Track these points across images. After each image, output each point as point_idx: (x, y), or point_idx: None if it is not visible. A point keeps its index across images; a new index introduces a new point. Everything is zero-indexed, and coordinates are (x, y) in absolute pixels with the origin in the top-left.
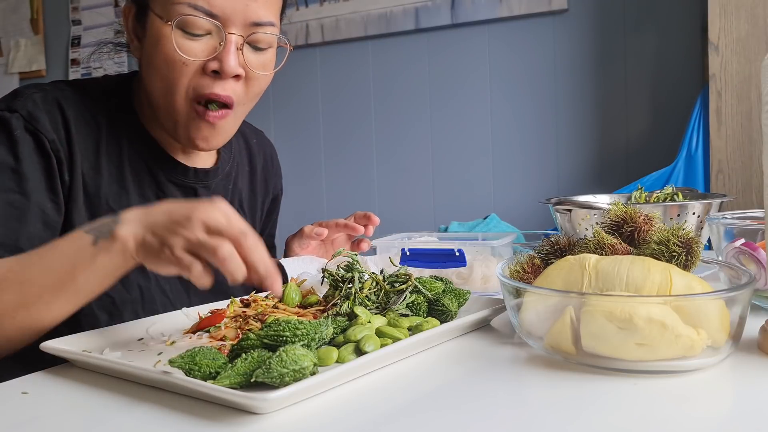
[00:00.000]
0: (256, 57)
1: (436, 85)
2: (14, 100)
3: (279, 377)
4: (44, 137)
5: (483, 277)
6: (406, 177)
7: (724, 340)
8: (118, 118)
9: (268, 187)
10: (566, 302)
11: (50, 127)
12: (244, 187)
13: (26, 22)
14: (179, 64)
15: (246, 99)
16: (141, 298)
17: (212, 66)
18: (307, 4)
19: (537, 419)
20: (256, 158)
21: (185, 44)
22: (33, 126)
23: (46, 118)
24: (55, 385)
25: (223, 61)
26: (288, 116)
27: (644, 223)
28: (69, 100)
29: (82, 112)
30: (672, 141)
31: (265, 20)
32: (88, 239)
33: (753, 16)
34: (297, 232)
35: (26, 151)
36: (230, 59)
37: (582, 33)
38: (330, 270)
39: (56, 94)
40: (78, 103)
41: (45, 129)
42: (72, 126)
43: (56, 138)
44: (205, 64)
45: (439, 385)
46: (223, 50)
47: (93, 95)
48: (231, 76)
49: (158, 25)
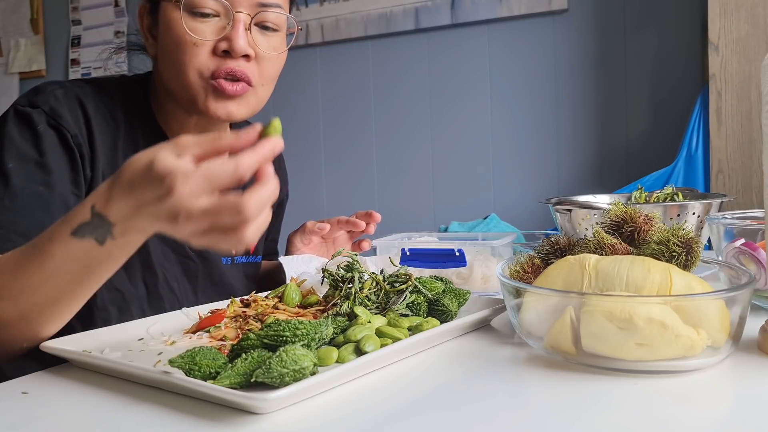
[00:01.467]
0: (264, 38)
1: (436, 85)
2: (36, 95)
3: (279, 377)
4: (67, 131)
5: (483, 277)
6: (406, 177)
7: (724, 340)
8: (135, 116)
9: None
10: (566, 302)
11: (72, 122)
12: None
13: (26, 22)
14: (190, 45)
15: (263, 80)
16: (147, 294)
17: (222, 46)
18: (307, 4)
19: (537, 419)
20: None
21: (194, 25)
22: (56, 121)
23: (68, 113)
24: (55, 385)
25: (232, 40)
26: (288, 116)
27: (644, 223)
28: (89, 96)
29: (101, 109)
30: (672, 141)
31: (271, 1)
32: (89, 244)
33: (753, 16)
34: (299, 227)
35: (50, 144)
36: (239, 38)
37: (582, 33)
38: (330, 270)
39: (76, 90)
40: (97, 100)
41: (67, 124)
42: (92, 121)
43: (78, 133)
44: (215, 45)
45: (439, 385)
46: (232, 30)
47: (111, 93)
48: (241, 54)
49: (168, 10)
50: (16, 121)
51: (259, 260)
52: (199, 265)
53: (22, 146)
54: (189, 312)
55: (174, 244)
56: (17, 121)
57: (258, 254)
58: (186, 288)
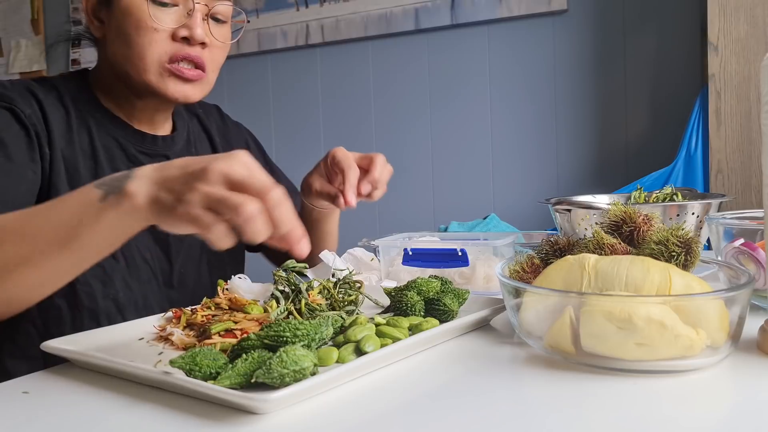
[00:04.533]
0: (217, 28)
1: (436, 86)
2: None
3: (279, 378)
4: (20, 110)
5: (485, 277)
6: (406, 177)
7: (723, 340)
8: (81, 101)
9: (232, 146)
10: (566, 302)
11: (24, 104)
12: (205, 152)
13: (27, 23)
14: (150, 30)
15: (213, 66)
16: (127, 267)
17: (182, 33)
18: (307, 4)
19: (537, 419)
20: (207, 124)
21: (156, 12)
22: (8, 103)
23: (19, 97)
24: (55, 385)
25: (192, 28)
26: (288, 117)
27: (643, 223)
28: (36, 87)
29: (50, 99)
30: (671, 141)
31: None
32: (96, 194)
33: (752, 16)
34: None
35: (3, 122)
36: (197, 26)
37: (581, 33)
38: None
39: (23, 83)
40: (44, 90)
41: (19, 104)
42: (44, 106)
43: (32, 113)
44: (174, 32)
45: (439, 384)
46: (191, 19)
47: (55, 85)
48: (199, 42)
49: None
50: None
51: None
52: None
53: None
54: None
55: None
56: None
57: None
58: (160, 257)
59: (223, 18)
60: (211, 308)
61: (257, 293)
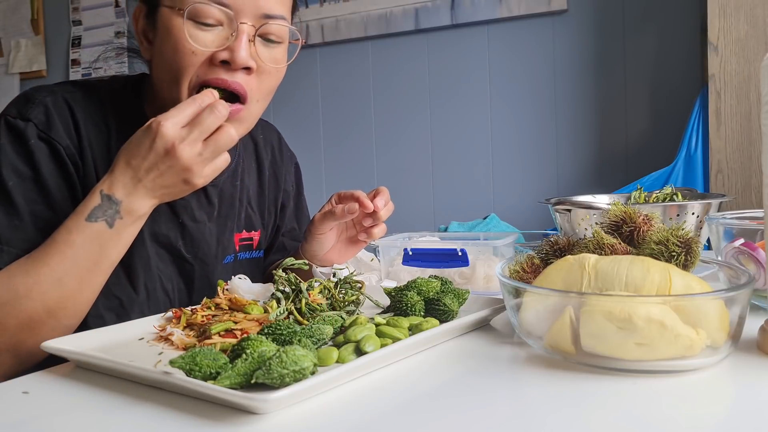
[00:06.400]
0: (267, 50)
1: (435, 86)
2: (26, 106)
3: (279, 378)
4: (58, 143)
5: (485, 277)
6: (406, 177)
7: (723, 340)
8: (127, 119)
9: (278, 182)
10: (566, 302)
11: (63, 133)
12: (252, 184)
13: (27, 23)
14: (188, 54)
15: (260, 95)
16: (147, 299)
17: (222, 56)
18: (307, 4)
19: (536, 419)
20: (262, 154)
21: (196, 34)
22: (46, 134)
23: (58, 123)
24: (55, 385)
25: (234, 51)
26: (288, 117)
27: (643, 223)
28: (78, 102)
29: (91, 115)
30: (671, 141)
31: (276, 13)
32: (101, 227)
33: (752, 16)
34: (326, 205)
35: (42, 159)
36: (241, 49)
37: (581, 33)
38: (278, 280)
39: (66, 96)
40: (87, 105)
41: (58, 135)
42: (82, 128)
43: (70, 143)
44: (214, 55)
45: (439, 384)
46: (235, 40)
47: (101, 96)
48: (241, 66)
49: (169, 16)
50: (9, 137)
51: (261, 255)
52: (194, 267)
53: (16, 162)
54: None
55: (169, 246)
56: (10, 136)
57: (260, 249)
58: (181, 289)
59: (276, 38)
60: (211, 308)
61: (257, 293)
